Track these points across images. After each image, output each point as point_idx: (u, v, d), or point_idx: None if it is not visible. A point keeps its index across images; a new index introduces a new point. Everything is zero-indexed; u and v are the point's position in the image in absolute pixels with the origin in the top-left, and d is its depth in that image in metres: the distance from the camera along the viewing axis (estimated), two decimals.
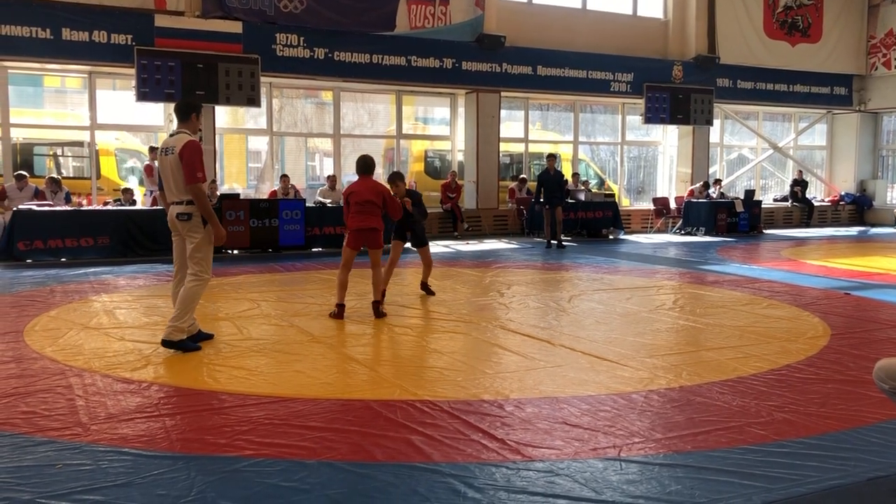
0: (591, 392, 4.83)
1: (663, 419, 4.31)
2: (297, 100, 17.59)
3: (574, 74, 16.95)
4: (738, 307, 7.91)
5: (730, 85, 18.84)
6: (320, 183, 17.86)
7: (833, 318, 7.27)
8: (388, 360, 5.66)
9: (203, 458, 3.66)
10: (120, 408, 4.41)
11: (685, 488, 3.35)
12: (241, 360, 5.58)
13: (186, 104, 6.02)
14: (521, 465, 3.62)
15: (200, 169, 5.69)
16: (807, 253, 13.72)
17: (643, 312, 7.61)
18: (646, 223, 18.16)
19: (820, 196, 21.53)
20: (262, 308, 7.70)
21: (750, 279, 10.02)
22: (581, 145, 18.63)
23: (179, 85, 13.14)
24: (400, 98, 16.37)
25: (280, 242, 12.80)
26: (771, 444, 3.90)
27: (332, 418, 4.25)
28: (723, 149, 20.50)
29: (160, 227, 11.70)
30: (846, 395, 4.77)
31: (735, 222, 17.19)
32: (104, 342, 6.07)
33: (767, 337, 6.44)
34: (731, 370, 5.34)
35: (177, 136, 5.80)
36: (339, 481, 3.39)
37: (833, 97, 20.43)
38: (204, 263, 5.85)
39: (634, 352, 5.92)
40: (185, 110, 5.95)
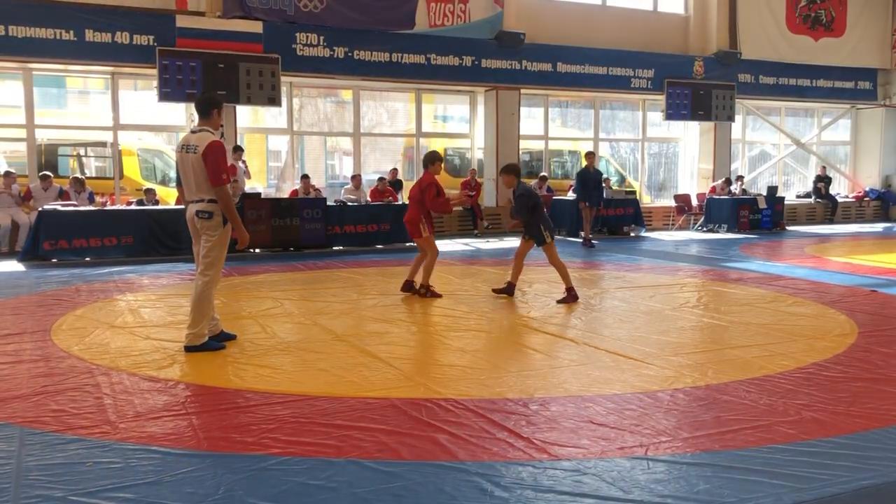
0: (617, 391, 4.81)
1: (690, 418, 4.28)
2: (317, 99, 17.67)
3: (594, 71, 16.87)
4: (762, 305, 7.84)
5: (752, 80, 18.67)
6: (340, 182, 17.94)
7: (860, 316, 7.19)
8: (412, 358, 5.66)
9: (230, 456, 3.68)
10: (147, 406, 4.45)
11: (714, 487, 3.32)
12: (265, 358, 5.61)
13: (207, 100, 5.90)
14: (548, 464, 3.61)
15: (225, 170, 5.68)
16: (831, 250, 13.57)
17: (667, 310, 7.57)
18: (667, 220, 18.05)
19: (844, 192, 21.29)
20: (285, 307, 7.74)
21: (773, 276, 9.93)
22: (601, 142, 18.55)
23: (200, 85, 13.22)
24: (419, 96, 16.37)
25: (301, 241, 12.85)
26: (800, 443, 3.86)
27: (357, 416, 4.26)
28: (745, 145, 20.33)
29: (183, 227, 11.79)
30: (876, 394, 4.71)
31: (757, 219, 17.03)
32: (130, 341, 6.12)
33: (793, 335, 6.38)
34: (758, 368, 5.29)
35: (199, 133, 5.73)
36: (366, 480, 3.40)
37: (857, 92, 20.19)
38: (217, 264, 5.81)
39: (659, 350, 5.88)
40: (206, 106, 5.83)
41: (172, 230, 11.87)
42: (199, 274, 5.80)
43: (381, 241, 13.56)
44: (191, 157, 5.68)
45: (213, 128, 5.84)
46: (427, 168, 8.42)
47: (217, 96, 6.13)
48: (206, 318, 5.79)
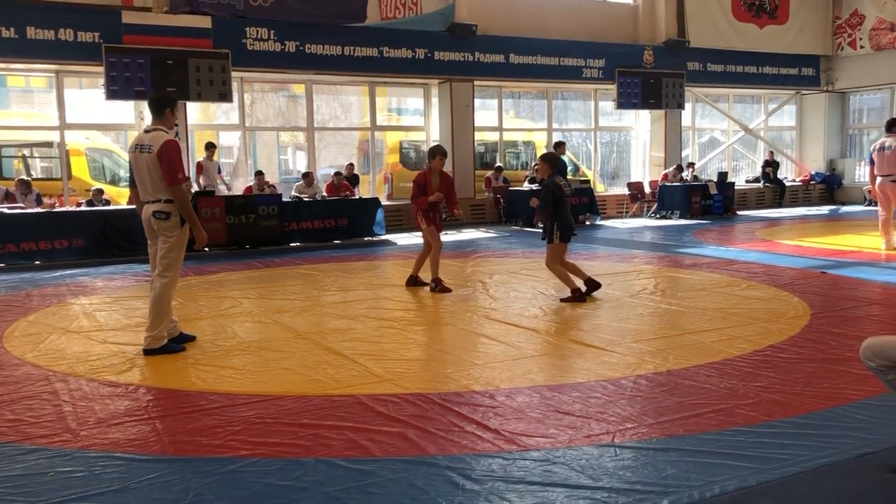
0: (581, 379, 4.86)
1: (654, 404, 4.35)
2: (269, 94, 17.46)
3: (546, 62, 16.96)
4: (717, 289, 8.00)
5: (700, 68, 18.96)
6: (294, 177, 17.76)
7: (811, 298, 7.38)
8: (376, 354, 5.65)
9: (198, 459, 3.64)
10: (108, 412, 4.36)
11: (680, 472, 3.38)
12: (227, 359, 5.54)
13: (160, 98, 5.81)
14: (517, 454, 3.64)
15: (181, 169, 5.59)
16: (781, 233, 13.89)
17: (625, 298, 7.67)
18: (621, 208, 18.27)
19: (791, 176, 21.77)
20: (244, 306, 7.65)
21: (727, 261, 10.12)
22: (554, 132, 18.67)
23: (149, 82, 12.96)
24: (373, 89, 16.28)
25: (257, 238, 12.71)
26: (761, 424, 3.95)
27: (324, 415, 4.24)
28: (695, 132, 20.66)
29: (136, 227, 11.56)
30: (830, 374, 4.84)
31: (709, 205, 17.35)
32: (86, 346, 5.99)
33: (749, 318, 6.52)
34: (717, 352, 5.40)
35: (153, 133, 5.63)
36: (337, 478, 3.39)
37: (801, 78, 20.65)
38: (175, 265, 5.73)
39: (620, 337, 5.96)
40: (158, 105, 5.74)
41: (125, 231, 11.64)
42: (157, 276, 5.70)
43: (338, 236, 13.48)
44: (145, 156, 5.58)
45: (168, 127, 5.75)
46: (429, 162, 8.49)
47: (170, 94, 6.02)
48: (165, 320, 5.70)
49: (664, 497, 3.14)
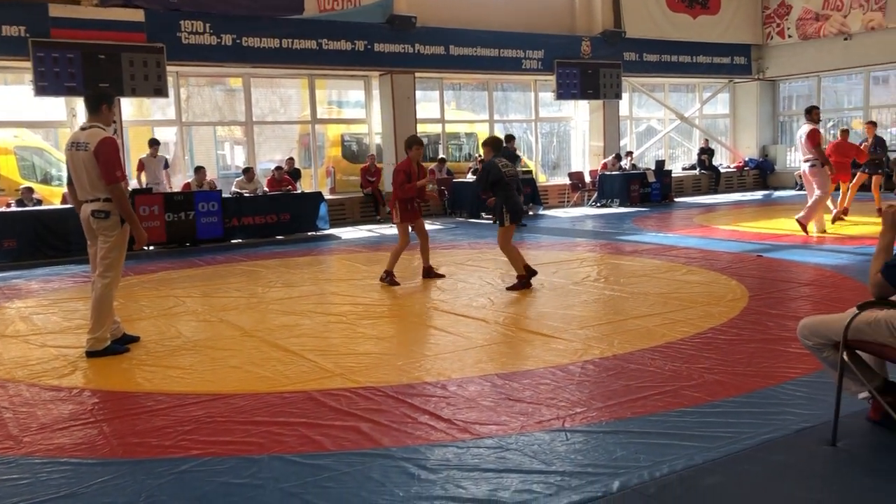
0: (530, 366, 4.93)
1: (601, 388, 4.44)
2: (205, 88, 17.13)
3: (486, 53, 17.03)
4: (658, 275, 8.18)
5: (636, 58, 19.28)
6: (232, 173, 17.48)
7: (749, 281, 7.61)
8: (326, 349, 5.63)
9: (149, 461, 3.58)
10: (52, 417, 4.26)
11: (630, 453, 3.47)
12: (173, 359, 5.45)
13: (96, 95, 5.71)
14: (471, 443, 3.68)
15: (119, 167, 5.48)
16: (717, 219, 14.25)
17: (569, 285, 7.79)
18: (563, 198, 18.49)
19: (725, 163, 22.33)
20: (188, 304, 7.53)
21: (666, 247, 10.35)
22: (496, 123, 18.79)
23: (81, 77, 12.58)
24: (313, 82, 16.13)
25: (198, 235, 12.50)
26: (705, 404, 4.08)
27: (275, 412, 4.22)
28: (632, 121, 21.01)
29: (71, 227, 11.28)
30: (769, 354, 5.01)
31: (647, 192, 17.69)
32: (25, 350, 5.82)
33: (690, 302, 6.70)
34: (660, 336, 5.53)
35: (89, 130, 5.51)
36: (292, 474, 3.38)
37: (734, 67, 21.18)
38: (116, 265, 5.62)
39: (566, 324, 6.06)
40: (94, 102, 5.62)
41: (60, 231, 11.33)
42: (98, 276, 5.57)
43: (281, 231, 13.34)
44: (81, 154, 5.45)
45: (105, 123, 5.63)
46: (406, 152, 8.39)
47: (107, 90, 5.90)
48: (108, 321, 5.58)
49: (615, 478, 3.21)
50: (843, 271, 7.94)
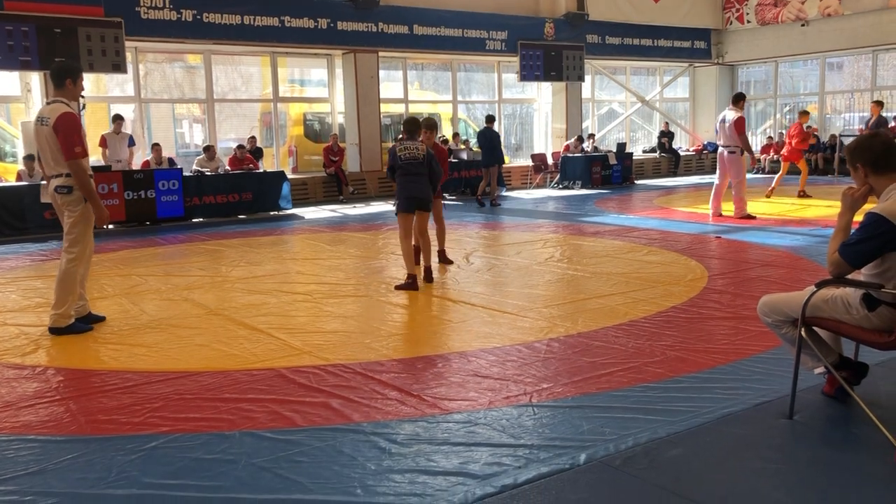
0: (497, 344, 5.00)
1: (567, 364, 4.53)
2: (163, 64, 16.82)
3: (450, 33, 17.00)
4: (620, 255, 8.31)
5: (599, 41, 19.41)
6: (191, 151, 17.25)
7: (708, 261, 7.77)
8: (293, 327, 5.63)
9: (118, 438, 3.57)
10: (16, 395, 4.21)
11: (596, 427, 3.56)
12: (139, 337, 5.41)
13: (59, 68, 5.58)
14: (440, 418, 3.74)
15: (79, 142, 5.38)
16: (677, 200, 14.49)
17: (533, 265, 7.88)
18: (525, 179, 18.61)
19: (685, 146, 22.66)
20: (151, 283, 7.45)
21: (628, 228, 10.51)
22: (459, 104, 18.78)
23: (36, 51, 12.29)
24: (275, 60, 15.94)
25: (158, 214, 12.34)
26: (668, 380, 4.18)
27: (244, 389, 4.23)
28: (594, 104, 21.18)
29: (28, 205, 11.08)
30: (728, 331, 5.15)
31: (609, 174, 17.88)
32: None
33: (651, 282, 6.83)
34: (623, 315, 5.65)
35: (52, 105, 5.45)
36: (264, 449, 3.40)
37: (694, 51, 21.44)
38: (81, 241, 5.55)
39: (531, 303, 6.14)
40: (57, 76, 5.52)
41: (15, 209, 11.10)
42: (64, 252, 5.53)
43: (243, 210, 13.23)
44: (44, 129, 5.40)
45: (70, 98, 5.54)
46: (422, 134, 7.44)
47: (72, 64, 5.76)
48: (72, 297, 5.51)
49: (582, 451, 3.29)
50: (798, 252, 8.15)
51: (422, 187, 6.95)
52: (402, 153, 6.95)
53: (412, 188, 6.94)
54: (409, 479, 3.09)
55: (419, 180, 6.93)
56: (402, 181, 7.01)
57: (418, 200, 6.96)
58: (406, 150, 6.95)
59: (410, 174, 6.94)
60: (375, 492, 2.98)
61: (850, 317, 3.45)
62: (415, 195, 6.93)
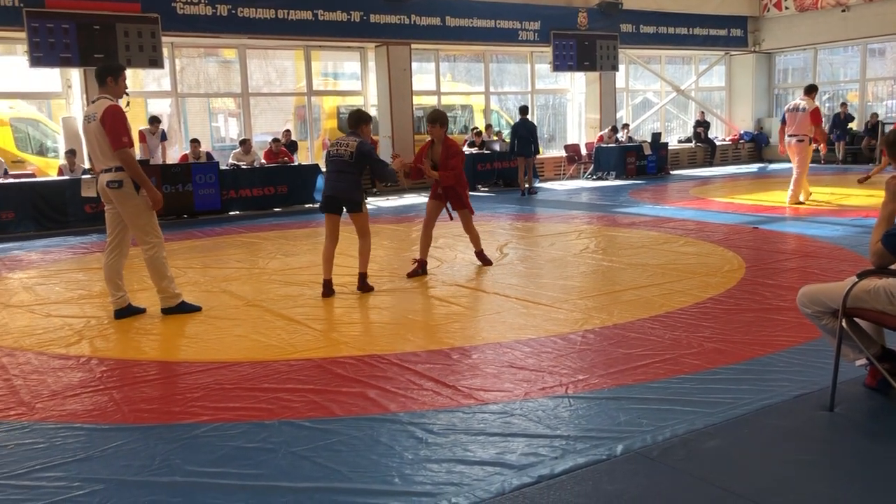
0: (531, 335, 5.00)
1: (603, 355, 4.52)
2: (198, 59, 17.01)
3: (482, 24, 16.94)
4: (655, 246, 8.25)
5: (633, 30, 19.21)
6: (227, 145, 17.42)
7: (745, 252, 7.68)
8: (329, 318, 5.69)
9: (160, 427, 3.65)
10: (62, 384, 4.32)
11: (633, 418, 3.55)
12: (179, 328, 5.51)
13: (101, 69, 5.79)
14: (476, 408, 3.76)
15: (126, 133, 5.55)
16: (713, 191, 14.31)
17: (568, 257, 7.85)
18: (559, 171, 18.51)
19: (721, 136, 22.36)
20: (190, 275, 7.57)
21: (663, 219, 10.42)
22: (491, 95, 18.73)
23: (76, 48, 12.50)
24: (308, 53, 16.04)
25: (195, 207, 12.51)
26: (705, 371, 4.16)
27: (283, 379, 4.28)
28: (628, 93, 20.98)
29: (70, 199, 11.32)
30: (766, 323, 5.09)
31: (643, 165, 17.72)
32: (30, 320, 5.87)
33: (688, 273, 6.77)
34: (659, 306, 5.61)
35: (98, 102, 5.64)
36: (303, 438, 3.45)
37: (730, 39, 21.12)
38: (150, 229, 5.79)
39: (566, 295, 6.13)
40: (99, 75, 5.76)
41: (57, 203, 11.34)
42: (142, 245, 5.79)
43: (278, 203, 13.36)
44: (92, 126, 5.59)
45: (114, 95, 5.71)
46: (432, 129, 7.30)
47: (112, 64, 6.01)
48: (167, 279, 5.85)
49: (618, 442, 3.29)
50: (838, 242, 8.02)
51: (344, 186, 6.42)
52: (331, 149, 6.59)
53: (333, 186, 6.48)
54: (446, 468, 3.11)
55: (343, 178, 6.43)
56: (326, 178, 6.68)
57: (337, 200, 6.51)
58: (335, 146, 6.52)
59: (333, 171, 6.53)
60: (413, 481, 3.01)
61: (893, 308, 3.39)
62: (334, 194, 6.48)
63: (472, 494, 2.88)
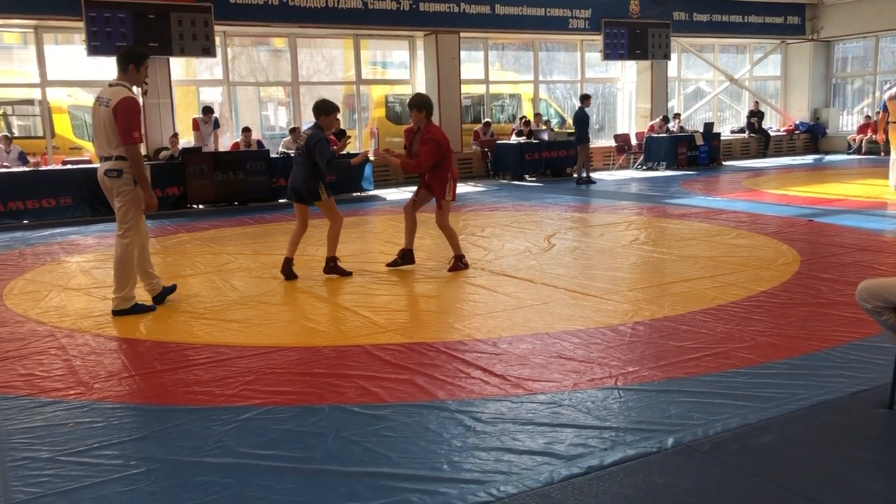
0: (580, 326, 4.97)
1: (653, 348, 4.47)
2: (250, 48, 17.21)
3: (532, 12, 16.81)
4: (707, 238, 8.11)
5: (686, 18, 18.88)
6: (276, 133, 17.62)
7: (800, 245, 7.51)
8: (376, 305, 5.72)
9: (213, 409, 3.71)
10: (118, 366, 4.42)
11: (684, 411, 3.50)
12: (230, 312, 5.60)
13: (123, 54, 5.53)
14: (525, 398, 3.75)
15: (137, 128, 5.34)
16: (766, 182, 14.02)
17: (618, 248, 7.78)
18: (608, 160, 18.32)
19: (775, 126, 21.87)
20: (240, 261, 7.69)
21: (715, 210, 10.24)
22: (540, 84, 18.59)
23: (131, 37, 12.75)
24: (358, 42, 16.11)
25: (246, 195, 12.68)
26: (758, 366, 4.08)
27: (332, 364, 4.33)
28: (680, 82, 20.64)
29: None
30: (822, 317, 4.97)
31: (695, 155, 17.43)
32: (88, 302, 6.03)
33: (740, 266, 6.65)
34: (711, 299, 5.52)
35: (114, 88, 5.40)
36: (352, 423, 3.48)
37: (787, 27, 20.61)
38: (135, 226, 5.53)
39: (615, 286, 6.07)
40: (121, 60, 5.48)
41: None
42: (118, 237, 5.54)
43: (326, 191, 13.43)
44: (102, 110, 5.36)
45: (133, 83, 5.50)
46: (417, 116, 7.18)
47: (137, 49, 5.65)
48: (131, 280, 5.58)
49: (669, 435, 3.25)
50: None
51: (299, 178, 6.72)
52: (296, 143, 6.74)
53: (292, 178, 6.85)
54: (494, 456, 3.11)
55: (298, 171, 6.74)
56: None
57: (295, 192, 6.82)
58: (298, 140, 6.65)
59: (294, 164, 6.88)
60: (461, 468, 3.02)
61: None
62: (293, 186, 6.83)
63: (521, 483, 2.87)
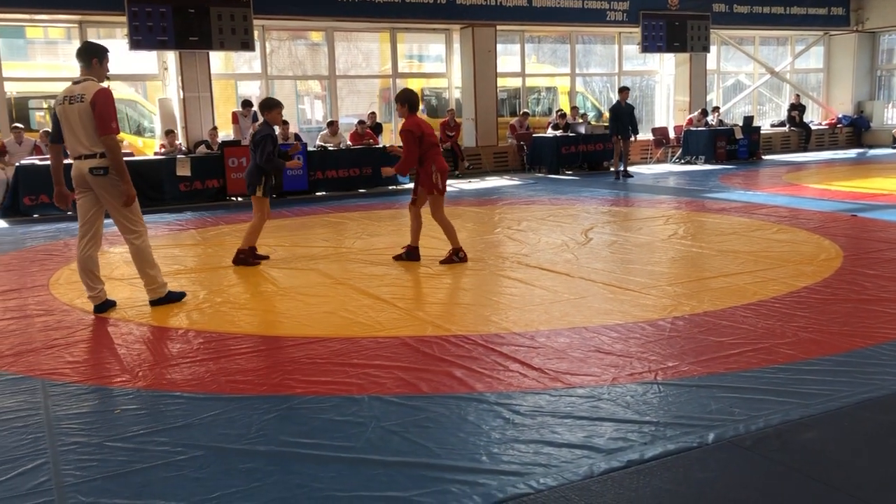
0: (619, 321, 4.95)
1: (693, 343, 4.43)
2: (287, 42, 17.34)
3: (569, 5, 16.70)
4: (748, 233, 8.01)
5: (726, 10, 18.61)
6: (313, 126, 17.74)
7: (843, 240, 7.38)
8: (415, 298, 5.76)
9: (255, 398, 3.77)
10: (163, 354, 4.51)
11: (725, 407, 3.48)
12: (270, 303, 5.68)
13: (85, 49, 5.43)
14: (563, 391, 3.75)
15: (114, 119, 5.27)
16: (807, 177, 13.79)
17: (656, 242, 7.72)
18: (645, 154, 18.15)
19: (817, 119, 21.48)
20: (279, 253, 7.77)
21: (755, 205, 10.10)
22: (577, 77, 18.47)
23: (172, 31, 12.94)
24: (394, 36, 16.15)
25: (284, 187, 12.79)
26: (800, 362, 4.03)
27: (371, 355, 4.37)
28: (719, 75, 20.36)
29: (165, 177, 11.78)
30: (866, 314, 4.89)
31: (734, 149, 17.20)
32: (131, 292, 6.14)
33: (782, 261, 6.56)
34: (752, 294, 5.46)
35: (83, 83, 5.28)
36: (392, 413, 3.51)
37: (830, 18, 20.21)
38: (136, 217, 5.52)
39: (654, 280, 6.03)
40: (84, 56, 5.38)
41: (154, 181, 11.79)
42: (126, 237, 5.54)
43: (363, 185, 13.55)
44: (76, 107, 5.22)
45: (98, 78, 5.41)
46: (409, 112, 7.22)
47: (97, 45, 5.54)
48: (156, 269, 5.64)
49: (710, 430, 3.23)
50: None
51: (246, 172, 7.36)
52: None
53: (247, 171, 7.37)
54: (533, 449, 3.12)
55: (248, 165, 7.21)
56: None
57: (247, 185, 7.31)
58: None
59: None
60: (500, 460, 3.03)
61: None
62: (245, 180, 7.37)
63: (560, 476, 2.88)
